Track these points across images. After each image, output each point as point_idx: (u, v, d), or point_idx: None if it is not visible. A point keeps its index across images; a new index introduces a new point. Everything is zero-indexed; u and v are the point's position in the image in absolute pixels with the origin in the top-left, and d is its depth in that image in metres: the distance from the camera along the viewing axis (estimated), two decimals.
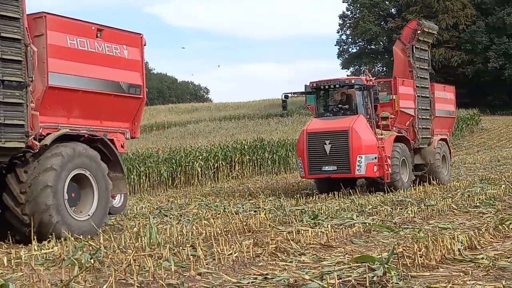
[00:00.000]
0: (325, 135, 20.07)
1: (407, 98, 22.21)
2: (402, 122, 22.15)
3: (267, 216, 13.33)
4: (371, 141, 19.93)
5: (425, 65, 23.78)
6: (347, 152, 19.66)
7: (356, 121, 19.96)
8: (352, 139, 19.62)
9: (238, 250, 8.83)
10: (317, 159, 20.06)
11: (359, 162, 19.54)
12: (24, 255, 9.10)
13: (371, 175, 20.00)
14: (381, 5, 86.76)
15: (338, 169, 19.85)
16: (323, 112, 21.31)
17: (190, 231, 11.48)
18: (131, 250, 9.19)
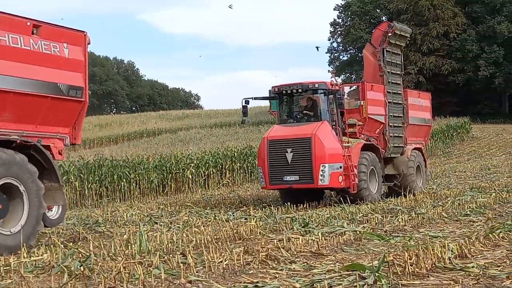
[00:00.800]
0: (286, 143, 18.92)
1: (376, 104, 21.02)
2: (371, 130, 20.99)
3: (258, 223, 13.30)
4: (336, 150, 18.75)
5: (398, 70, 22.70)
6: (309, 161, 18.48)
7: (320, 128, 18.80)
8: (314, 147, 18.42)
9: (228, 257, 8.81)
10: (279, 168, 18.91)
11: (322, 171, 18.36)
12: (13, 262, 9.07)
13: (336, 185, 18.78)
14: (372, 13, 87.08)
15: (300, 179, 18.63)
16: (286, 119, 20.10)
17: (180, 238, 11.45)
18: (121, 258, 9.17)
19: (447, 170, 33.68)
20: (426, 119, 24.44)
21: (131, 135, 71.54)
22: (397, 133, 22.05)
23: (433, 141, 52.31)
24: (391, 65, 22.19)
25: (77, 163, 24.28)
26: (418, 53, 77.56)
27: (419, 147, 23.53)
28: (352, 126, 20.29)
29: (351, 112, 20.40)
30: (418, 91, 25.90)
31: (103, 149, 42.46)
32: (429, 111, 24.92)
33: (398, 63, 22.75)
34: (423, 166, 23.48)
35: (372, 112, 20.61)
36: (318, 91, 19.38)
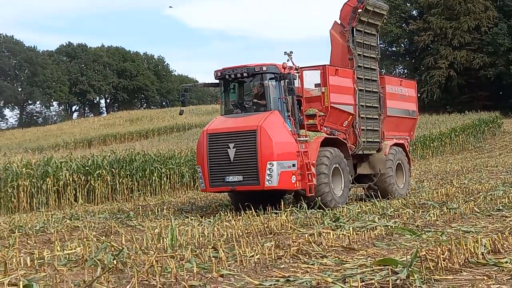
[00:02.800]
0: (228, 137, 16.19)
1: (342, 92, 18.24)
2: (337, 122, 18.18)
3: (288, 218, 13.32)
4: (288, 144, 16.12)
5: (372, 53, 19.79)
6: (254, 158, 15.82)
7: (268, 118, 16.09)
8: (260, 141, 15.75)
9: (260, 252, 8.84)
10: (220, 167, 16.26)
11: (269, 170, 15.68)
12: (47, 255, 9.16)
13: (288, 187, 16.20)
14: (402, 7, 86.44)
15: (244, 180, 16.01)
16: (232, 109, 17.30)
17: (211, 232, 11.50)
18: (153, 251, 9.24)
19: (479, 165, 33.37)
20: (410, 111, 21.67)
21: (162, 129, 71.84)
22: (371, 126, 19.45)
23: (464, 135, 51.95)
24: (364, 47, 19.43)
25: (109, 158, 24.45)
26: (449, 47, 76.93)
27: (400, 142, 20.83)
28: (312, 117, 17.56)
29: (312, 100, 17.74)
30: (400, 78, 22.92)
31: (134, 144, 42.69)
32: (414, 101, 22.21)
33: (372, 45, 19.93)
34: (405, 165, 20.72)
35: (336, 100, 17.90)
36: (267, 75, 16.65)
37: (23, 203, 20.91)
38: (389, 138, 20.24)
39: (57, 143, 62.21)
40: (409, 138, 21.99)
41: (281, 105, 16.52)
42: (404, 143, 20.97)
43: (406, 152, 20.98)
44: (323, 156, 16.88)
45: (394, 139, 20.49)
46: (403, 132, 21.34)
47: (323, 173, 16.67)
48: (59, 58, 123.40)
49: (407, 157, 20.98)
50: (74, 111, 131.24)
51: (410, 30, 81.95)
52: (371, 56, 19.69)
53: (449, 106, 76.99)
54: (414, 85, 22.64)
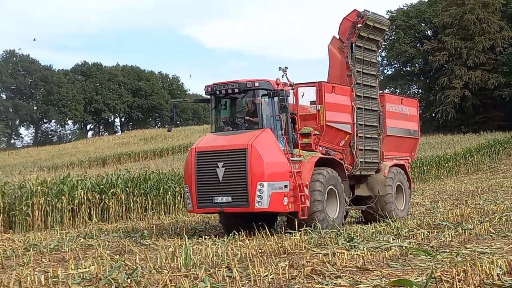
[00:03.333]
0: (217, 156, 15.51)
1: (339, 110, 17.63)
2: (333, 141, 17.55)
3: (302, 238, 13.29)
4: (279, 164, 15.48)
5: (373, 70, 19.09)
6: (244, 178, 15.15)
7: (259, 137, 15.46)
8: (250, 160, 15.09)
9: (273, 271, 8.81)
10: (208, 187, 15.55)
11: (259, 191, 15.01)
12: (61, 274, 9.18)
13: (279, 209, 15.53)
14: (416, 27, 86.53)
15: (233, 201, 15.31)
16: (222, 126, 16.66)
17: (225, 252, 11.49)
18: (167, 270, 9.24)
19: (494, 186, 33.19)
20: (411, 131, 20.94)
21: (176, 148, 71.93)
22: (370, 145, 18.81)
23: (479, 156, 51.70)
24: (363, 63, 18.72)
25: (123, 176, 24.50)
26: (463, 67, 76.81)
27: (401, 163, 20.10)
28: (307, 136, 16.92)
29: (307, 119, 17.10)
30: (401, 96, 21.91)
31: (148, 163, 42.78)
32: (416, 121, 21.38)
33: (373, 62, 19.22)
34: (406, 186, 19.97)
35: (332, 119, 17.28)
36: (259, 92, 16.02)
37: (37, 221, 20.96)
38: (388, 159, 19.62)
39: (72, 161, 62.46)
40: (410, 159, 21.26)
41: (273, 123, 15.93)
42: (404, 163, 20.29)
43: (407, 173, 20.27)
44: (318, 177, 16.20)
45: (394, 159, 19.86)
46: (403, 152, 20.66)
47: (317, 191, 16.00)
48: (74, 77, 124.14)
49: (408, 178, 20.28)
50: (89, 129, 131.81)
51: (424, 50, 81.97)
52: (371, 73, 19.04)
53: (463, 126, 76.79)
54: (416, 104, 22.00)
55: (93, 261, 10.73)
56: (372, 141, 18.83)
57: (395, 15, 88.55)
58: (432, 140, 65.72)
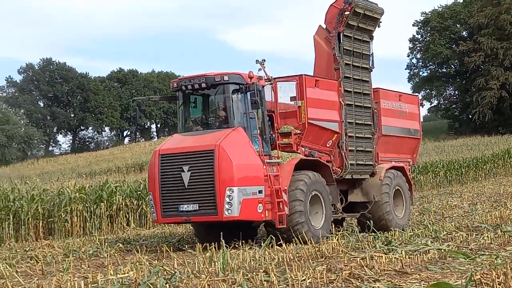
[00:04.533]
0: (182, 158, 14.02)
1: (323, 106, 15.98)
2: (318, 141, 15.93)
3: (340, 241, 13.25)
4: (252, 167, 14.00)
5: (364, 63, 17.38)
6: (211, 183, 13.64)
7: (228, 136, 13.94)
8: (218, 163, 13.57)
9: (311, 276, 8.80)
10: (173, 194, 14.11)
11: (229, 198, 13.48)
12: (100, 279, 9.27)
13: (253, 217, 14.08)
14: (452, 28, 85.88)
15: (200, 209, 13.82)
16: (191, 126, 15.16)
17: (262, 256, 11.50)
18: (205, 275, 9.27)
19: None
20: (411, 130, 19.14)
21: None
22: (363, 146, 17.12)
23: None
24: (354, 55, 17.05)
25: None
26: (500, 68, 76.02)
27: (400, 166, 18.31)
28: (287, 135, 15.36)
29: (288, 116, 15.58)
30: (399, 92, 19.35)
31: None
32: (417, 119, 19.66)
33: (365, 54, 17.47)
34: (406, 191, 18.16)
35: (315, 116, 15.68)
36: (229, 86, 14.52)
37: (76, 227, 21.18)
38: (385, 161, 17.91)
39: (109, 168, 62.91)
40: (412, 161, 19.48)
41: (247, 121, 14.45)
42: (404, 166, 18.51)
43: (407, 176, 18.47)
44: (298, 181, 14.64)
45: (392, 162, 18.13)
46: (403, 154, 18.90)
47: (297, 200, 14.41)
48: (111, 84, 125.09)
49: (408, 182, 18.51)
50: (126, 136, 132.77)
51: (460, 51, 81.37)
52: (363, 67, 17.32)
53: (501, 127, 75.94)
54: (417, 101, 20.30)
55: (131, 266, 10.80)
56: (365, 141, 17.20)
57: (429, 17, 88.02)
58: (469, 142, 65.12)
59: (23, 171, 67.58)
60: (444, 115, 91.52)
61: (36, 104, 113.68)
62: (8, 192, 20.43)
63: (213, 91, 14.82)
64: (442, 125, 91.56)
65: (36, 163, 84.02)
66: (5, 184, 21.74)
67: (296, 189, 14.47)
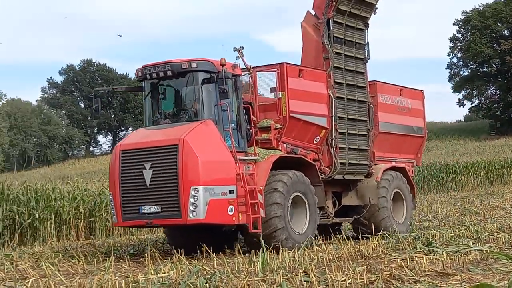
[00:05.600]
0: (144, 155, 12.83)
1: (309, 99, 14.82)
2: (303, 137, 14.75)
3: (380, 242, 13.17)
4: (222, 164, 12.77)
5: (358, 53, 16.19)
6: (174, 182, 12.45)
7: (195, 130, 12.69)
8: (182, 160, 12.35)
9: (351, 276, 8.75)
10: (134, 194, 12.90)
11: (193, 198, 12.28)
12: (141, 279, 9.32)
13: (223, 221, 12.84)
14: (493, 27, 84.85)
15: (162, 211, 12.63)
16: (159, 119, 13.85)
17: (302, 256, 11.48)
18: (244, 275, 9.28)
19: None
20: (414, 128, 17.94)
21: None
22: (356, 144, 15.93)
23: None
24: (346, 44, 15.82)
25: None
26: None
27: (401, 166, 17.15)
28: (267, 130, 14.22)
29: (268, 109, 14.42)
30: (400, 86, 17.80)
31: None
32: (421, 116, 18.33)
33: (359, 43, 16.25)
34: (407, 194, 16.98)
35: (298, 109, 14.49)
36: (198, 75, 13.26)
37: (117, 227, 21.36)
38: (384, 161, 16.79)
39: None
40: (415, 162, 18.24)
41: (218, 114, 13.16)
42: (405, 167, 17.32)
43: (409, 178, 17.21)
44: (277, 181, 13.43)
45: (393, 161, 17.06)
46: (405, 153, 17.69)
47: (275, 204, 13.23)
48: None
49: (410, 184, 17.24)
50: None
51: (501, 50, 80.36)
52: (357, 57, 16.13)
53: None
54: (421, 96, 18.58)
55: (172, 266, 10.87)
56: (358, 138, 16.01)
57: (470, 15, 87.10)
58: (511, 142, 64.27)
59: (64, 171, 68.49)
60: (485, 115, 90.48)
61: (77, 104, 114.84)
62: (50, 192, 20.67)
63: (182, 80, 13.47)
64: (483, 125, 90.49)
65: (77, 163, 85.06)
66: (47, 184, 21.96)
67: (274, 191, 13.31)
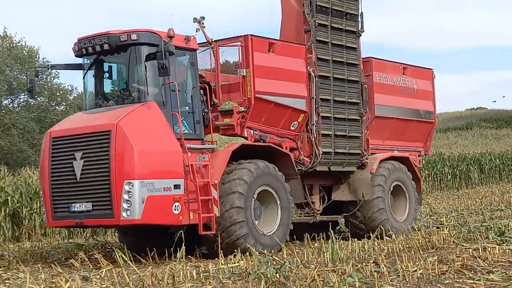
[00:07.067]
0: (74, 143, 11.10)
1: (282, 77, 12.89)
2: (276, 123, 12.90)
3: (451, 232, 12.99)
4: (164, 154, 11.01)
5: (349, 24, 14.18)
6: (106, 175, 10.71)
7: (133, 113, 10.91)
8: (115, 149, 10.62)
9: (422, 267, 8.68)
10: (64, 189, 11.18)
11: (128, 194, 10.52)
12: (212, 268, 9.45)
13: (166, 221, 11.11)
14: None
15: (94, 209, 10.88)
16: (100, 101, 11.94)
17: (371, 247, 11.43)
18: (314, 265, 9.30)
19: None
20: (421, 112, 15.83)
21: None
22: (346, 130, 14.02)
23: None
24: (332, 14, 13.83)
25: None
26: None
27: (404, 156, 15.22)
28: (229, 114, 12.43)
29: (232, 89, 12.59)
30: (403, 63, 15.71)
31: None
32: (430, 98, 16.18)
33: (350, 13, 14.26)
34: (410, 188, 14.96)
35: (267, 89, 12.61)
36: (141, 49, 11.38)
37: None
38: (383, 150, 14.96)
39: None
40: (423, 151, 16.24)
41: (166, 94, 11.34)
42: (408, 156, 15.35)
43: (413, 170, 15.29)
44: (237, 174, 11.67)
45: (395, 150, 15.24)
46: (410, 141, 15.76)
47: (233, 200, 11.53)
48: None
49: (416, 177, 15.36)
50: None
51: None
52: (347, 29, 14.21)
53: None
54: (430, 76, 16.41)
55: (241, 256, 10.96)
56: (348, 124, 14.11)
57: None
58: None
59: None
60: None
61: None
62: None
63: (123, 55, 11.62)
64: None
65: None
66: None
67: (232, 187, 11.56)
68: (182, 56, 12.01)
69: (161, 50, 10.82)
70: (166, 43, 10.93)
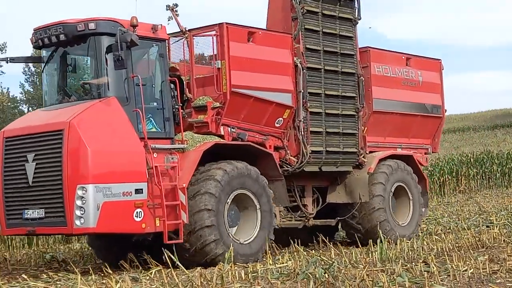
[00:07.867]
0: (26, 144, 10.18)
1: (263, 70, 11.82)
2: (256, 120, 11.83)
3: (501, 231, 12.83)
4: (124, 155, 9.98)
5: (344, 11, 13.09)
6: (58, 179, 9.72)
7: (88, 111, 9.95)
8: (67, 150, 9.65)
9: (473, 266, 8.59)
10: (16, 194, 10.26)
11: (81, 200, 9.51)
12: (260, 269, 9.46)
13: (125, 229, 10.07)
14: None
15: (46, 217, 9.90)
16: (60, 96, 10.97)
17: (421, 246, 11.35)
18: (363, 265, 9.26)
19: None
20: (427, 106, 14.67)
21: None
22: (339, 126, 12.92)
23: None
24: (324, 0, 12.74)
25: None
26: None
27: (407, 154, 14.19)
28: (203, 110, 11.34)
29: (207, 83, 11.47)
30: (406, 54, 14.64)
31: None
32: (438, 91, 14.99)
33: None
34: (414, 190, 13.90)
35: (245, 83, 11.53)
36: (100, 39, 10.32)
37: None
38: (384, 147, 13.95)
39: None
40: (431, 148, 15.13)
41: (128, 90, 10.31)
42: (413, 155, 14.29)
43: (418, 169, 14.20)
44: (209, 174, 10.62)
45: (398, 148, 14.21)
46: (416, 138, 14.68)
47: (203, 206, 10.40)
48: None
49: (421, 177, 14.29)
50: None
51: None
52: (341, 16, 13.07)
53: None
54: (438, 67, 15.19)
55: (289, 256, 10.96)
56: (342, 120, 13.02)
57: None
58: None
59: None
60: None
61: None
62: None
63: (82, 46, 10.66)
64: None
65: None
66: None
67: (204, 191, 10.50)
68: (149, 47, 10.99)
69: (117, 40, 9.92)
70: (123, 33, 9.99)
